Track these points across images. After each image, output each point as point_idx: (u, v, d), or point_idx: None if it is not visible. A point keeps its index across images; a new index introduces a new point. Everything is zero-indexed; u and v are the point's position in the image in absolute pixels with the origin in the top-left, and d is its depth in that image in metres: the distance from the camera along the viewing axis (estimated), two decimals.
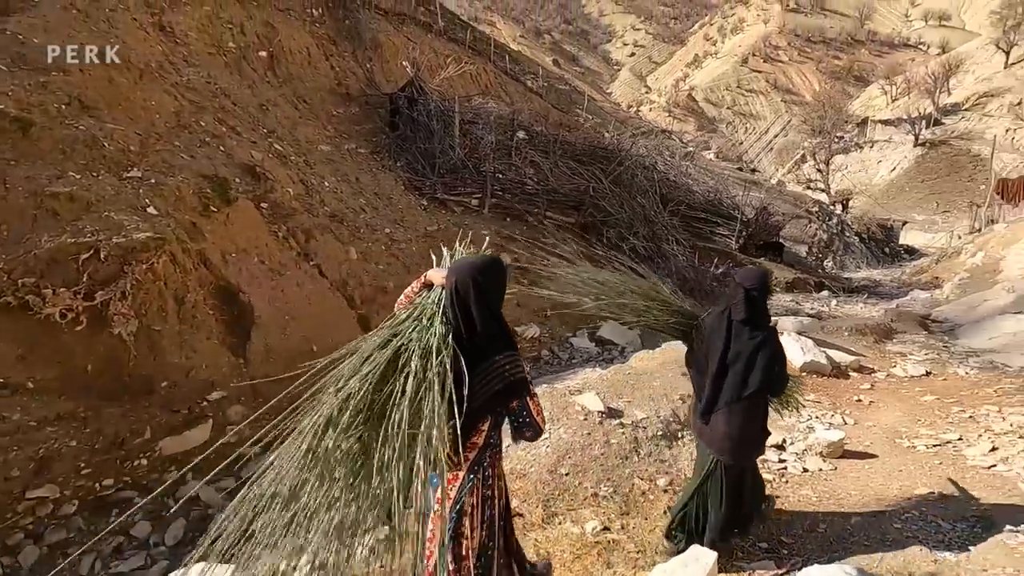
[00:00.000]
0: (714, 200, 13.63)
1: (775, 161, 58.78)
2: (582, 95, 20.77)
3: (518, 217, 9.23)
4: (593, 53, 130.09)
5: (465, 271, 1.71)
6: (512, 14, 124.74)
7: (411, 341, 1.63)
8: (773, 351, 2.53)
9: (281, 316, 5.26)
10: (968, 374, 6.16)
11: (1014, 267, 10.57)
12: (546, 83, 20.46)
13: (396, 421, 1.50)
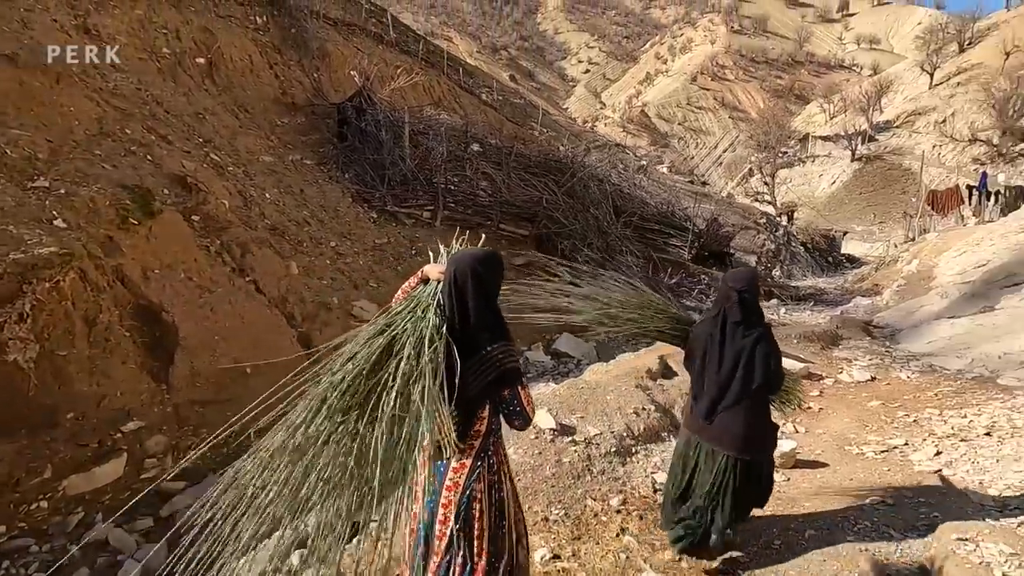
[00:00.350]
0: (667, 212, 13.84)
1: (724, 175, 60.98)
2: (537, 109, 20.91)
3: (471, 229, 8.95)
4: (549, 69, 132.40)
5: (465, 261, 1.76)
6: (468, 30, 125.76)
7: (405, 331, 1.67)
8: (770, 347, 2.61)
9: (210, 336, 4.86)
10: (910, 378, 6.33)
11: (946, 273, 11.11)
12: (501, 96, 20.51)
13: (384, 405, 1.53)
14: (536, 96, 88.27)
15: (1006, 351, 6.24)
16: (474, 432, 1.73)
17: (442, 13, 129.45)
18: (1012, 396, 5.05)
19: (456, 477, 1.73)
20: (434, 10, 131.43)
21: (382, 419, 1.53)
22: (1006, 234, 10.29)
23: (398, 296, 1.91)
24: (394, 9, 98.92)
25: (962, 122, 34.64)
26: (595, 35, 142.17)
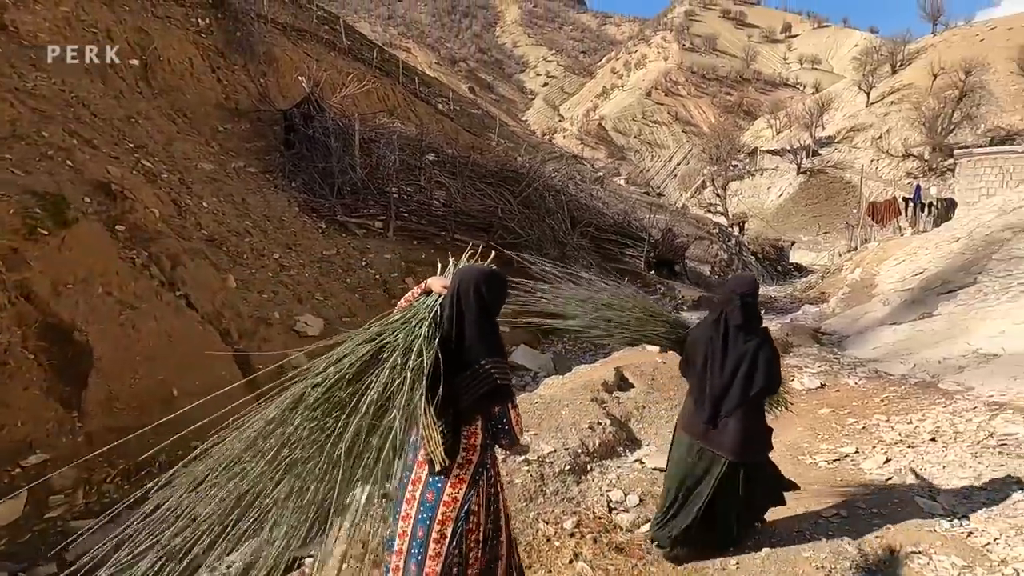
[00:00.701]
0: (623, 222, 13.96)
1: (679, 187, 62.76)
2: (494, 119, 20.89)
3: (425, 240, 8.80)
4: (508, 82, 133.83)
5: (470, 276, 1.79)
6: (427, 41, 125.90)
7: (396, 340, 1.67)
8: (772, 351, 2.68)
9: (131, 357, 4.44)
10: (857, 384, 6.46)
11: (887, 281, 11.57)
12: (458, 107, 20.38)
13: (362, 408, 1.52)
14: (495, 108, 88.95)
15: (945, 356, 6.45)
16: (469, 446, 1.72)
17: (400, 24, 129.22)
18: (953, 400, 5.18)
19: (455, 492, 1.71)
20: (392, 21, 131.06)
21: (356, 424, 1.51)
22: (939, 244, 10.81)
23: (400, 305, 1.94)
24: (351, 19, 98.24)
25: (896, 138, 36.78)
26: (553, 49, 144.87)
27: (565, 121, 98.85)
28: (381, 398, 1.55)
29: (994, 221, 9.83)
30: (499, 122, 19.67)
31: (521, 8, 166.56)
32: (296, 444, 1.54)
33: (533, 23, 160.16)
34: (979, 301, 6.96)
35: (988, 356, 5.91)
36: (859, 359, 8.02)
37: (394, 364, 1.59)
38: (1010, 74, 36.10)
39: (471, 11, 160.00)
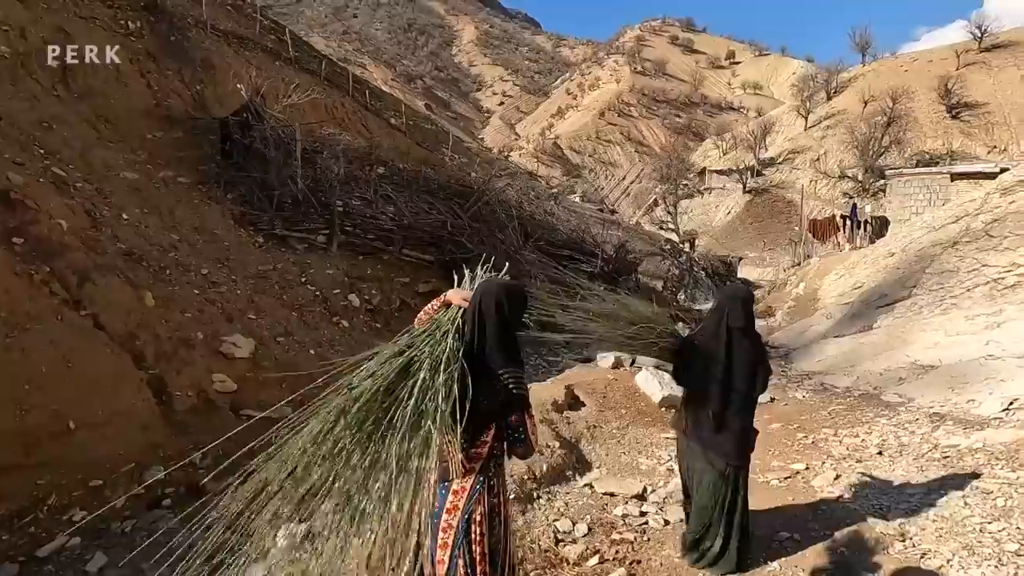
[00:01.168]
0: (576, 238, 13.96)
1: (632, 204, 64.30)
2: (448, 134, 20.74)
3: (371, 255, 8.43)
4: (465, 100, 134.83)
5: (493, 289, 1.85)
6: (383, 58, 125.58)
7: (423, 353, 1.72)
8: (766, 356, 2.90)
9: (18, 385, 3.90)
10: (805, 398, 6.51)
11: (829, 295, 11.95)
12: (412, 121, 20.12)
13: (397, 421, 1.58)
14: (452, 125, 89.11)
15: (886, 367, 6.60)
16: (475, 454, 1.74)
17: (355, 40, 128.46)
18: (896, 412, 5.25)
19: (456, 500, 1.73)
20: (347, 37, 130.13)
21: (395, 435, 1.57)
22: (876, 259, 11.25)
23: (420, 318, 2.00)
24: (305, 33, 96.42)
25: (833, 160, 38.90)
26: (509, 69, 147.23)
27: (521, 139, 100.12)
28: (414, 411, 1.60)
29: (924, 237, 10.29)
30: (452, 137, 19.49)
31: (477, 28, 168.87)
32: (338, 458, 1.61)
33: (489, 43, 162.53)
34: (915, 314, 7.18)
35: (926, 367, 6.06)
36: (806, 372, 8.15)
37: (423, 378, 1.65)
38: (931, 102, 38.92)
39: (427, 29, 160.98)
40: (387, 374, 1.69)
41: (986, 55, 42.18)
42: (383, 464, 1.56)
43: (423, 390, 1.62)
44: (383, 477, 1.56)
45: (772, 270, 28.22)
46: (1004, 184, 9.28)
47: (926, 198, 14.50)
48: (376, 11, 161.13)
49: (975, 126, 37.51)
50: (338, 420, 1.64)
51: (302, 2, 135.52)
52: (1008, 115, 37.45)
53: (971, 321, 6.08)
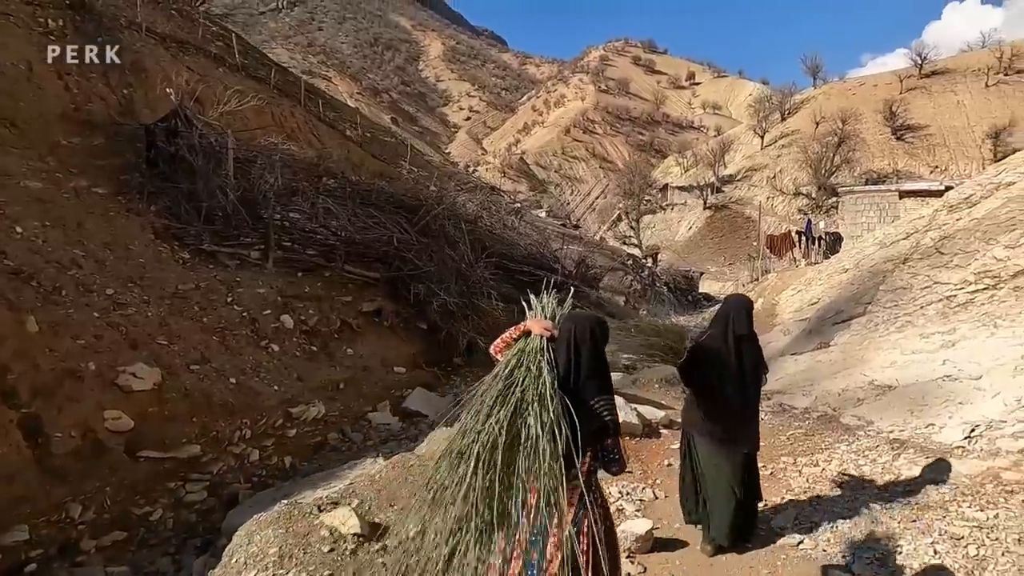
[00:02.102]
0: (536, 253, 13.65)
1: (598, 220, 64.98)
2: (408, 147, 20.26)
3: (311, 271, 7.85)
4: (431, 114, 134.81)
5: (585, 321, 2.06)
6: (349, 71, 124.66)
7: (527, 390, 1.85)
8: (763, 354, 3.30)
9: None
10: (763, 419, 6.26)
11: (786, 311, 11.93)
12: (369, 133, 19.58)
13: (522, 459, 1.75)
14: (418, 139, 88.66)
15: (844, 388, 6.41)
16: (573, 474, 1.84)
17: (320, 53, 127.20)
18: (855, 437, 5.01)
19: (565, 516, 1.83)
20: (311, 49, 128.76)
21: (519, 471, 1.75)
22: (831, 274, 11.29)
23: (498, 345, 2.14)
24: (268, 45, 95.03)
25: (788, 178, 40.13)
26: (476, 85, 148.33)
27: (488, 154, 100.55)
28: (535, 451, 1.73)
29: (876, 253, 10.36)
30: (410, 149, 19.01)
31: (444, 44, 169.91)
32: (473, 496, 1.73)
33: (456, 59, 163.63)
34: (870, 331, 7.06)
35: (883, 388, 5.89)
36: (764, 391, 7.95)
37: (535, 416, 1.76)
38: (878, 124, 40.75)
39: (394, 44, 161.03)
40: (504, 417, 1.78)
41: (926, 81, 44.54)
42: (516, 502, 1.73)
43: (541, 427, 1.74)
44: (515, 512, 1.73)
45: (732, 284, 28.62)
46: (950, 201, 9.42)
47: (876, 215, 14.83)
48: (342, 25, 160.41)
49: (918, 147, 39.39)
50: (473, 463, 1.74)
51: (265, 14, 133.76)
52: (947, 137, 39.49)
53: (926, 340, 5.95)
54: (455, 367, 8.28)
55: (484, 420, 1.81)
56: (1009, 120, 35.21)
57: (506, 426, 1.76)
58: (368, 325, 7.74)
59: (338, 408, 6.27)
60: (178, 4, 15.56)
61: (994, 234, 6.41)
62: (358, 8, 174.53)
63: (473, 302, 8.07)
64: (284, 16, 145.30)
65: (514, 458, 1.75)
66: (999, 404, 4.13)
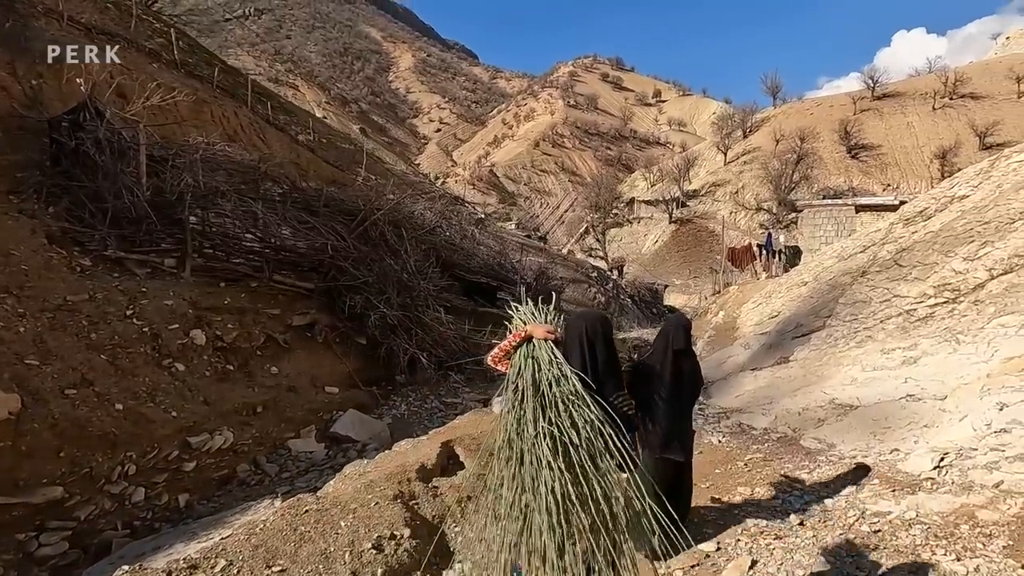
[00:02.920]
0: (494, 264, 13.14)
1: (567, 233, 65.12)
2: (365, 153, 19.53)
3: (236, 282, 7.11)
4: (401, 126, 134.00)
5: (593, 318, 2.27)
6: (317, 80, 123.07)
7: (559, 397, 1.90)
8: (700, 368, 3.64)
9: None
10: (721, 443, 5.83)
11: (747, 324, 11.69)
12: (325, 139, 18.82)
13: (585, 461, 1.82)
14: (388, 150, 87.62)
15: (804, 407, 6.05)
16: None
17: (288, 61, 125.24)
18: (816, 464, 4.61)
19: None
20: (279, 57, 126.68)
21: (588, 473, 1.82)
22: (790, 287, 11.11)
23: (496, 356, 2.17)
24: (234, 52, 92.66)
25: (750, 194, 40.88)
26: (446, 97, 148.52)
27: (458, 166, 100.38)
28: (588, 454, 1.83)
29: (835, 266, 10.20)
30: (367, 156, 18.29)
31: (415, 56, 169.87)
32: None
33: (427, 71, 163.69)
34: (830, 346, 6.75)
35: (844, 407, 5.53)
36: (724, 409, 7.56)
37: (583, 419, 1.86)
38: (834, 143, 42.04)
39: (364, 55, 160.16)
40: (551, 426, 1.84)
41: (878, 103, 46.36)
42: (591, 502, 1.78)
43: (591, 429, 1.85)
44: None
45: (697, 296, 28.71)
46: (906, 215, 9.33)
47: (834, 228, 14.90)
48: (311, 34, 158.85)
49: (871, 165, 40.75)
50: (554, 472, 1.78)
51: (231, 21, 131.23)
52: (898, 157, 41.01)
53: (887, 356, 5.63)
54: (396, 385, 7.63)
55: (532, 434, 1.82)
56: (955, 141, 36.78)
57: (555, 434, 1.80)
58: (299, 340, 7.03)
59: (252, 435, 5.54)
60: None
61: (952, 246, 6.19)
62: (327, 18, 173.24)
63: (417, 315, 7.46)
64: (251, 23, 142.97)
65: (573, 463, 1.77)
66: (967, 428, 3.75)
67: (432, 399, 7.53)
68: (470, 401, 7.55)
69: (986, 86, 44.01)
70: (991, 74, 45.59)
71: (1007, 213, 6.00)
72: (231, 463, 5.14)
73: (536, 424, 1.83)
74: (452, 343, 8.05)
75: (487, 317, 11.62)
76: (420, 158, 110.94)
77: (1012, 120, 38.47)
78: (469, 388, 7.96)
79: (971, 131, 37.55)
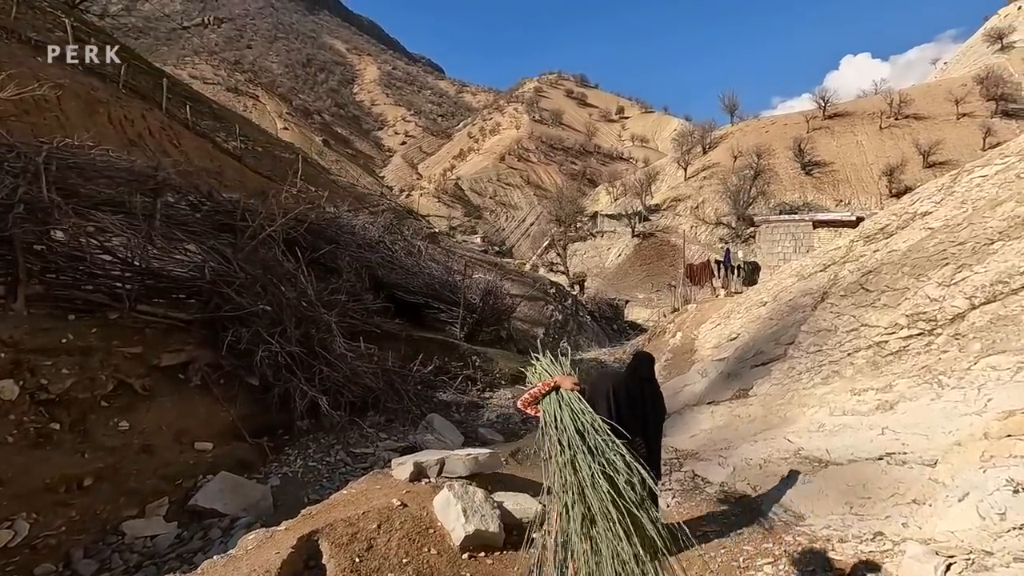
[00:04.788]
0: (439, 283, 12.05)
1: (532, 246, 64.58)
2: (311, 164, 18.15)
3: (89, 313, 5.80)
4: (366, 138, 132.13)
5: (619, 379, 2.97)
6: (279, 91, 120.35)
7: (600, 445, 2.28)
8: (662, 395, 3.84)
9: None
10: (671, 505, 4.87)
11: (705, 346, 10.91)
12: (263, 148, 17.41)
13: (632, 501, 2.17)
14: (351, 162, 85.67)
15: (765, 458, 5.14)
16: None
17: (248, 71, 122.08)
18: (783, 549, 3.67)
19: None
20: (239, 67, 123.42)
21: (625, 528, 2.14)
22: (749, 307, 10.39)
23: (525, 400, 2.58)
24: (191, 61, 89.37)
25: (709, 208, 41.09)
26: (412, 110, 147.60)
27: (423, 179, 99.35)
28: (632, 504, 2.15)
29: (794, 286, 9.52)
30: (301, 162, 16.90)
31: (380, 69, 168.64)
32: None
33: (392, 84, 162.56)
34: (793, 380, 5.90)
35: (812, 461, 4.65)
36: (678, 452, 6.62)
37: (624, 465, 2.23)
38: (788, 160, 42.85)
39: (328, 67, 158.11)
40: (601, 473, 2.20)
41: (829, 122, 47.69)
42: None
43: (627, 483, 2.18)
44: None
45: (659, 311, 28.24)
46: (866, 232, 8.72)
47: (792, 244, 14.43)
48: (273, 44, 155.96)
49: (824, 181, 41.62)
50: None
51: (190, 30, 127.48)
52: (849, 173, 42.05)
53: (858, 397, 4.78)
54: (296, 434, 6.39)
55: (590, 472, 2.19)
56: (901, 159, 37.93)
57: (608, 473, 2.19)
58: (166, 384, 5.74)
59: (69, 519, 4.24)
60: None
61: (924, 269, 5.44)
62: (291, 29, 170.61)
63: (321, 351, 6.28)
64: (210, 32, 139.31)
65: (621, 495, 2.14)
66: (971, 515, 2.85)
67: (338, 449, 6.31)
68: (385, 451, 6.37)
69: (928, 107, 45.89)
70: (932, 96, 47.60)
71: (984, 233, 5.28)
72: (27, 564, 3.84)
73: (596, 460, 2.17)
74: (370, 379, 6.87)
75: (425, 344, 10.49)
76: (385, 171, 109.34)
77: (952, 140, 40.05)
78: (387, 434, 6.78)
79: (915, 150, 38.85)
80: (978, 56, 56.23)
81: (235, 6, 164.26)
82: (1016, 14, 58.40)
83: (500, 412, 8.17)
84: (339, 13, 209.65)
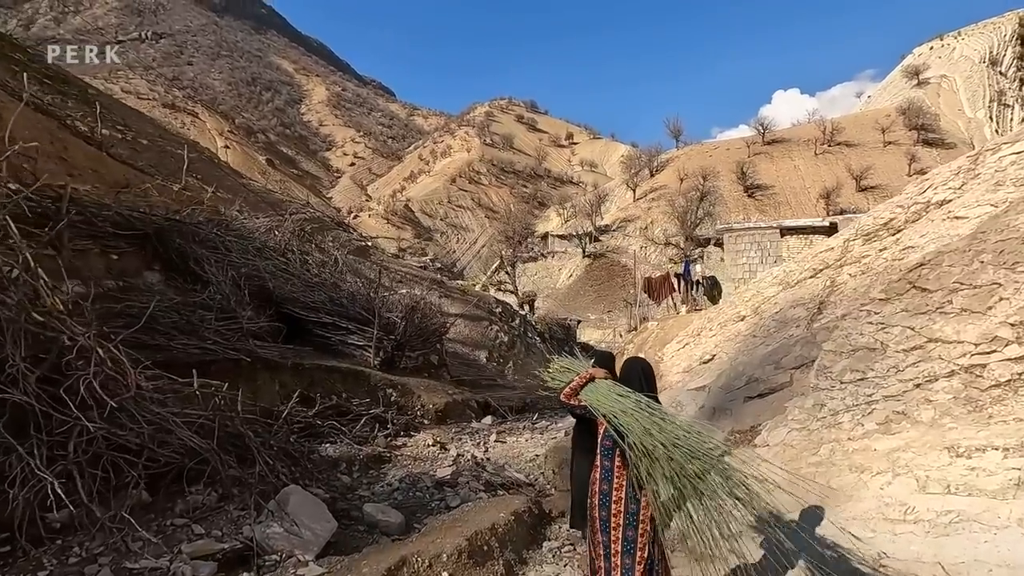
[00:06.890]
0: (345, 298, 9.70)
1: (483, 268, 62.72)
2: (186, 158, 15.50)
3: None
4: (313, 158, 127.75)
5: (645, 362, 3.05)
6: (220, 108, 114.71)
7: (645, 412, 2.59)
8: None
9: None
10: None
11: (673, 371, 9.03)
12: (150, 140, 14.68)
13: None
14: (298, 183, 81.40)
15: None
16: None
17: (188, 87, 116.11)
18: None
19: (646, 504, 2.51)
20: (178, 83, 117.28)
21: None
22: (724, 323, 8.62)
23: (567, 392, 2.83)
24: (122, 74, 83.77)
25: (658, 229, 40.66)
26: (361, 132, 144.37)
27: (372, 201, 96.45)
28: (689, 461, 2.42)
29: (779, 296, 7.81)
30: (187, 157, 14.27)
31: (328, 90, 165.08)
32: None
33: (341, 105, 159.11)
34: (825, 424, 3.95)
35: None
36: None
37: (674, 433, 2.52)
38: (732, 182, 43.42)
39: (273, 86, 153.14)
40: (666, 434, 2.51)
41: (768, 147, 49.07)
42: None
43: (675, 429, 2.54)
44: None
45: (612, 331, 26.74)
46: (863, 229, 7.15)
47: (758, 255, 13.07)
48: (216, 61, 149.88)
49: (766, 203, 42.22)
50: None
51: (125, 44, 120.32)
52: (788, 196, 42.91)
53: (969, 462, 2.85)
54: (35, 540, 3.77)
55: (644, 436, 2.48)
56: (835, 183, 38.95)
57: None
58: None
59: None
60: None
61: (1019, 257, 3.65)
62: (235, 47, 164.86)
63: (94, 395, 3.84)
64: (148, 46, 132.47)
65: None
66: None
67: (104, 566, 3.34)
68: (190, 562, 3.41)
69: (858, 135, 47.92)
70: (861, 125, 49.81)
71: None
72: None
73: (666, 426, 2.49)
74: (193, 436, 4.39)
75: (322, 376, 8.06)
76: (333, 191, 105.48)
77: (881, 166, 41.70)
78: (207, 526, 4.00)
79: (848, 174, 40.01)
80: (898, 90, 59.63)
81: (175, 22, 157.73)
82: (928, 53, 62.66)
83: (410, 471, 5.76)
84: (287, 33, 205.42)
